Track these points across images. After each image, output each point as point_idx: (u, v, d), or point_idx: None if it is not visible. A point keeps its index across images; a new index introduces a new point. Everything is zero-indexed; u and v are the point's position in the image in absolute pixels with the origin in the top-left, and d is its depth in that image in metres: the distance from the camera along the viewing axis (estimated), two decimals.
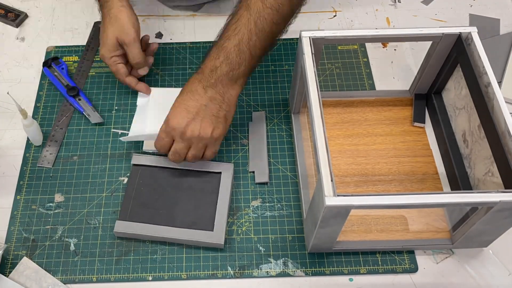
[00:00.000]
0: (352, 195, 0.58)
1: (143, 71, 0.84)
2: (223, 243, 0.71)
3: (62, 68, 0.90)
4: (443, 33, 0.71)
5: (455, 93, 0.78)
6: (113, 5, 0.80)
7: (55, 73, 0.89)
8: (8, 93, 0.75)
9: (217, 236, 0.72)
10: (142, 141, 0.82)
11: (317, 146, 0.61)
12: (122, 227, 0.73)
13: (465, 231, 0.67)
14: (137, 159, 0.79)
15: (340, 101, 0.86)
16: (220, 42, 0.72)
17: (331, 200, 0.57)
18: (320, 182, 0.59)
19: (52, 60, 0.90)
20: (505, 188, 0.62)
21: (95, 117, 0.85)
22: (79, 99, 0.86)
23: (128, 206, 0.75)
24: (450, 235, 0.73)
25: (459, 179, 0.74)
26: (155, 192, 0.76)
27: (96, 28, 0.97)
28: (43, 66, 0.90)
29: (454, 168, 0.75)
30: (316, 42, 0.71)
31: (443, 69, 0.78)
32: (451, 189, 0.77)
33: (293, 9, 0.74)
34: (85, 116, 0.85)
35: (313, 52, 0.69)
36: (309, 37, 0.70)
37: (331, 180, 0.59)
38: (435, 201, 0.58)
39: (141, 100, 0.84)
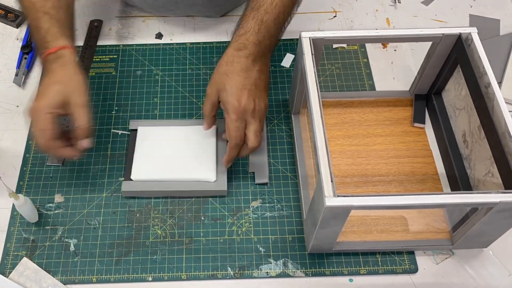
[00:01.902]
0: (352, 196, 0.58)
1: (87, 143, 0.71)
2: (226, 189, 0.76)
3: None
4: (443, 34, 0.71)
5: (455, 94, 0.78)
6: (69, 62, 0.72)
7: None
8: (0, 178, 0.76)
9: (219, 183, 0.76)
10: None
11: (317, 147, 0.61)
12: (129, 186, 0.76)
13: (465, 231, 0.67)
14: (134, 124, 0.83)
15: (340, 102, 0.86)
16: (259, 16, 0.74)
17: (331, 200, 0.57)
18: (320, 183, 0.59)
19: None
20: (505, 188, 0.62)
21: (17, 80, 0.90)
22: (25, 57, 0.91)
23: (131, 167, 0.78)
24: (450, 236, 0.73)
25: (459, 180, 0.74)
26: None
27: (92, 27, 0.97)
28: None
29: (454, 169, 0.75)
30: (316, 43, 0.71)
31: (443, 69, 0.78)
32: (451, 190, 0.77)
33: None
34: None
35: (313, 52, 0.69)
36: (309, 37, 0.70)
37: (331, 181, 0.59)
38: (435, 202, 0.58)
39: (139, 141, 0.81)
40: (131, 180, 0.77)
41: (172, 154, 0.79)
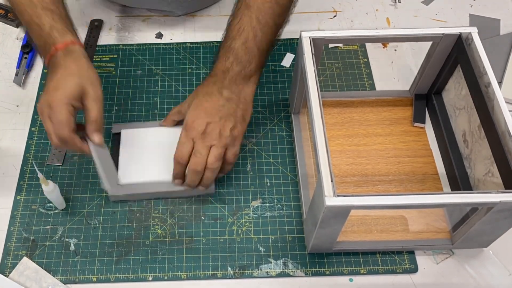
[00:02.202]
0: (352, 195, 0.58)
1: (98, 138, 0.70)
2: (213, 189, 0.76)
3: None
4: (443, 34, 0.71)
5: (455, 93, 0.78)
6: (81, 57, 0.71)
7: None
8: (32, 162, 0.78)
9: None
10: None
11: (317, 146, 0.61)
12: (116, 190, 0.74)
13: (465, 231, 0.67)
14: (117, 128, 0.81)
15: (340, 101, 0.86)
16: (227, 43, 0.73)
17: (331, 200, 0.57)
18: (320, 182, 0.59)
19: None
20: (505, 188, 0.62)
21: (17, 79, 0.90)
22: (25, 57, 0.91)
23: (116, 171, 0.77)
24: (450, 236, 0.73)
25: (459, 180, 0.74)
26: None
27: (93, 26, 0.97)
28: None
29: (454, 169, 0.75)
30: (316, 42, 0.71)
31: (443, 69, 0.78)
32: (451, 190, 0.77)
33: None
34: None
35: (313, 52, 0.69)
36: (309, 37, 0.70)
37: (331, 180, 0.59)
38: (435, 202, 0.58)
39: (123, 145, 0.80)
40: (118, 185, 0.75)
41: (157, 155, 0.77)
